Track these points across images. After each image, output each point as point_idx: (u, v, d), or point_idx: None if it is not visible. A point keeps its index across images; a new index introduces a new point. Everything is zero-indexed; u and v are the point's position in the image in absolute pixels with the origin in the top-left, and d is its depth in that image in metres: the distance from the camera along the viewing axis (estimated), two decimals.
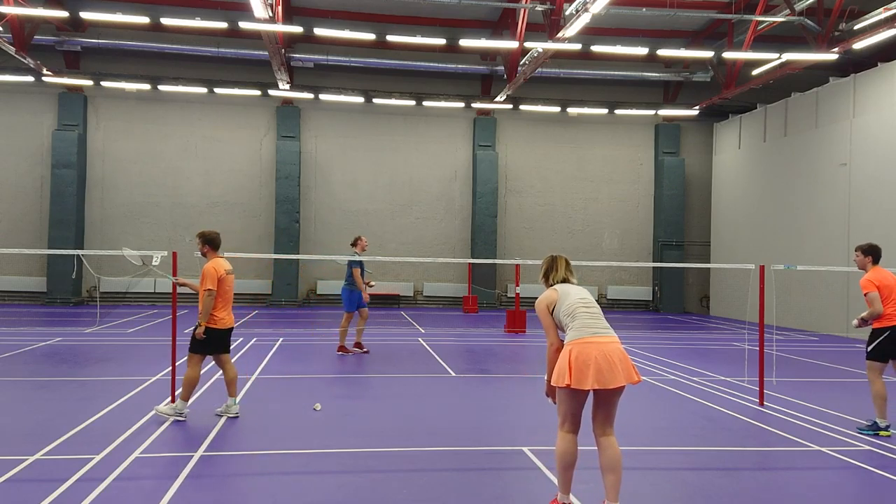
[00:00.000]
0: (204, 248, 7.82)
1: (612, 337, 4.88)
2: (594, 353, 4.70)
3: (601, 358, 4.69)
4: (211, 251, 7.83)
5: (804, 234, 20.18)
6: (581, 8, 15.09)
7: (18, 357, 11.78)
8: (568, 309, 4.92)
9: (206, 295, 7.48)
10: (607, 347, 4.76)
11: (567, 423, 4.90)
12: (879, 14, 16.87)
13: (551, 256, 5.40)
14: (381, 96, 24.15)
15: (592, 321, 4.88)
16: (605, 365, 4.68)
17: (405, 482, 5.72)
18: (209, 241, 7.82)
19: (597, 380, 4.68)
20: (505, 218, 25.77)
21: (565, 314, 4.91)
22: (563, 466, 4.92)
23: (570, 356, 4.74)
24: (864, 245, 7.99)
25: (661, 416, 8.40)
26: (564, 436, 4.90)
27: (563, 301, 4.97)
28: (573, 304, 4.94)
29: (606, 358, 4.71)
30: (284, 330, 16.84)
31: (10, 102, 23.41)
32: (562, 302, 4.96)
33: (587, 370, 4.67)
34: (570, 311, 4.91)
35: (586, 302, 4.98)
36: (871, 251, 7.91)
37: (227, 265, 7.83)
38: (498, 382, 10.41)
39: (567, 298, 4.98)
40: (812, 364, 13.09)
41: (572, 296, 5.01)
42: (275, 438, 6.92)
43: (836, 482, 6.00)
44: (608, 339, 4.83)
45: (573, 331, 4.83)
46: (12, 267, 23.37)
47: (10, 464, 5.85)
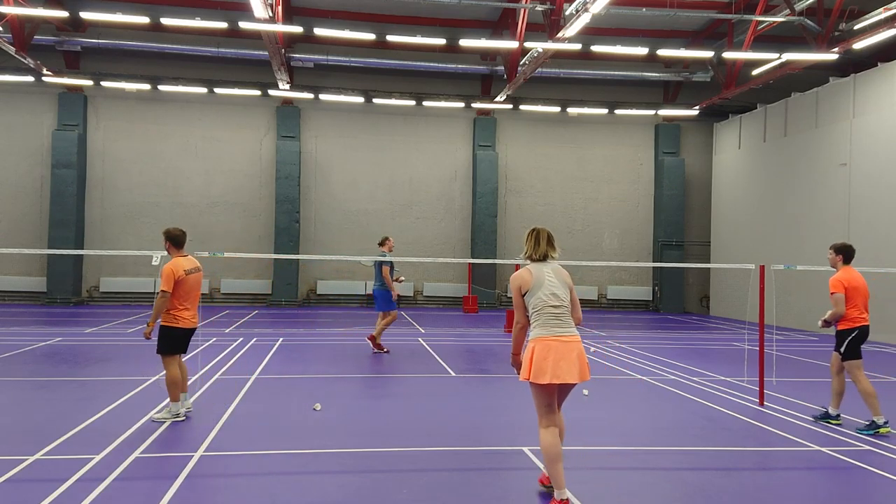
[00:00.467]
0: (166, 246, 7.76)
1: (574, 336, 5.14)
2: (554, 350, 5.00)
3: (560, 356, 4.99)
4: (173, 249, 7.73)
5: (804, 234, 20.18)
6: (581, 8, 15.09)
7: (18, 357, 11.78)
8: (536, 303, 5.13)
9: (159, 296, 7.42)
10: (567, 346, 5.04)
11: (545, 417, 5.16)
12: (879, 14, 16.87)
13: (534, 230, 5.43)
14: (381, 96, 24.15)
15: (556, 321, 5.11)
16: (563, 363, 4.99)
17: (405, 482, 5.72)
18: (171, 239, 7.74)
19: (555, 375, 4.99)
20: (505, 218, 25.76)
21: (533, 307, 5.14)
22: (551, 461, 5.09)
23: (532, 353, 5.06)
24: (837, 244, 8.14)
25: (661, 416, 8.40)
26: (545, 431, 5.14)
27: (534, 291, 5.15)
28: (542, 299, 5.13)
29: (566, 356, 5.00)
30: (284, 330, 16.84)
31: (10, 102, 23.41)
32: (532, 292, 5.15)
33: (546, 366, 4.99)
34: (538, 307, 5.13)
35: (555, 298, 5.15)
36: (843, 250, 8.05)
37: (190, 264, 7.66)
38: (498, 382, 10.41)
39: (538, 290, 5.15)
40: (812, 364, 13.10)
41: (544, 288, 5.15)
42: (275, 438, 6.92)
43: (836, 482, 6.00)
44: (569, 338, 5.09)
45: (537, 328, 5.11)
46: (12, 267, 23.37)
47: (10, 464, 5.85)
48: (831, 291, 7.78)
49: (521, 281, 5.20)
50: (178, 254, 7.75)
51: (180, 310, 7.55)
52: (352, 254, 24.17)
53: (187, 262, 7.69)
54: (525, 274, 5.22)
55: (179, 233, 7.83)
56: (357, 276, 24.90)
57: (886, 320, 16.85)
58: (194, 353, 12.14)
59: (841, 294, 7.73)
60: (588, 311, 24.91)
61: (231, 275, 24.40)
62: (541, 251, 5.32)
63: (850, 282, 7.81)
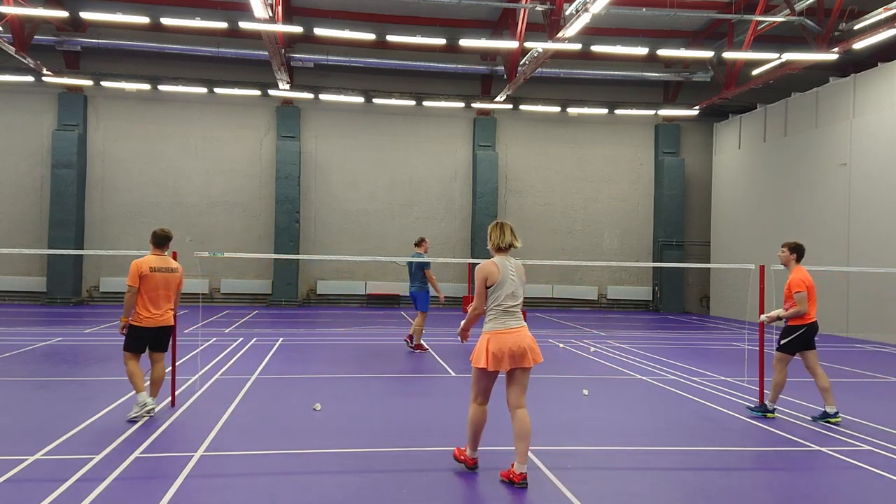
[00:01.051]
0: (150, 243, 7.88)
1: (523, 327, 5.81)
2: (510, 342, 5.64)
3: (514, 345, 5.65)
4: (151, 247, 7.85)
5: (804, 234, 20.14)
6: (581, 8, 15.09)
7: (18, 357, 11.78)
8: (496, 300, 5.71)
9: (126, 291, 7.50)
10: (519, 336, 5.69)
11: (480, 397, 5.91)
12: (879, 14, 16.87)
13: (498, 222, 5.96)
14: (381, 96, 24.15)
15: (509, 317, 5.73)
16: (517, 350, 5.66)
17: (405, 482, 5.72)
18: (151, 238, 7.90)
19: (511, 362, 5.67)
20: (505, 218, 25.71)
21: (493, 301, 5.72)
22: (475, 431, 5.93)
23: (487, 344, 5.66)
24: (791, 243, 8.27)
25: (661, 416, 8.39)
26: (477, 408, 5.91)
27: (497, 288, 5.70)
28: (501, 296, 5.71)
29: (519, 345, 5.67)
30: (284, 330, 16.85)
31: (10, 102, 23.42)
32: (496, 288, 5.70)
33: (503, 357, 5.64)
34: (498, 302, 5.71)
35: (513, 298, 5.75)
36: (798, 249, 8.20)
37: (161, 263, 7.67)
38: (498, 382, 10.40)
39: (501, 287, 5.71)
40: None
41: (506, 287, 5.72)
42: (275, 438, 6.92)
43: (836, 482, 6.00)
44: (520, 329, 5.75)
45: (492, 321, 5.72)
46: (12, 267, 23.38)
47: (10, 464, 5.85)
48: (795, 290, 7.94)
49: (487, 273, 5.70)
50: (154, 252, 7.78)
51: (141, 308, 7.55)
52: (352, 254, 24.18)
53: (158, 261, 7.70)
54: (492, 267, 5.71)
55: (160, 232, 7.93)
56: (357, 276, 24.91)
57: (886, 320, 16.86)
58: (194, 353, 12.15)
59: (804, 293, 7.94)
60: (588, 311, 24.92)
61: (231, 275, 24.40)
62: (506, 241, 5.82)
63: (808, 280, 8.02)
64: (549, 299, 25.86)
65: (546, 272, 25.70)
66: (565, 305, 25.92)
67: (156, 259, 7.71)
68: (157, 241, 7.87)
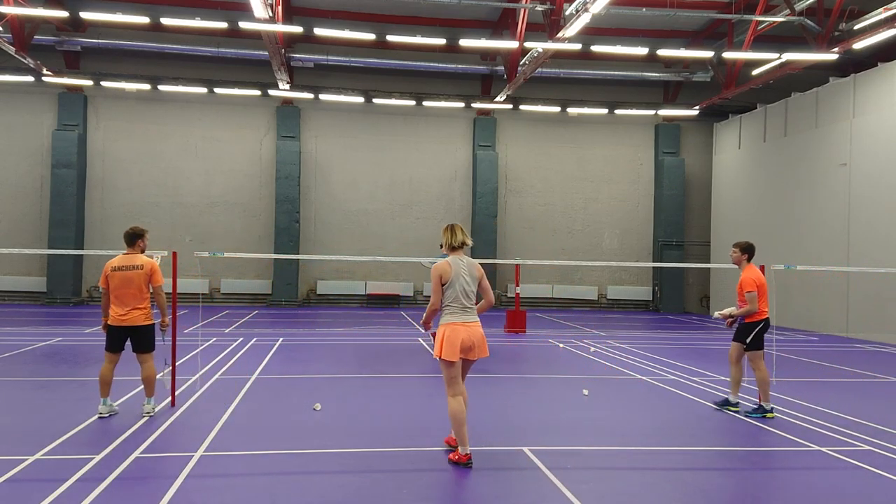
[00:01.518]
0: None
1: (476, 322, 6.31)
2: (462, 335, 6.16)
3: (466, 338, 6.16)
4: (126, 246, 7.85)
5: (804, 234, 20.18)
6: (581, 8, 15.09)
7: (18, 357, 11.78)
8: (450, 296, 6.24)
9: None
10: (471, 330, 6.22)
11: (452, 387, 6.22)
12: (879, 14, 16.87)
13: (449, 224, 6.54)
14: (381, 96, 24.15)
15: (463, 312, 6.25)
16: (468, 343, 6.17)
17: (405, 482, 5.72)
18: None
19: (462, 353, 6.16)
20: (505, 218, 25.77)
21: (448, 297, 6.25)
22: (458, 424, 6.14)
23: (443, 335, 6.17)
24: (742, 243, 8.48)
25: (661, 416, 8.39)
26: (452, 399, 6.20)
27: (451, 285, 6.24)
28: (455, 293, 6.24)
29: (470, 338, 6.19)
30: (284, 330, 16.84)
31: (10, 102, 23.42)
32: (450, 285, 6.24)
33: (455, 347, 6.13)
34: (452, 299, 6.24)
35: (465, 295, 6.27)
36: (749, 249, 8.43)
37: (123, 262, 7.63)
38: (498, 382, 10.41)
39: (454, 284, 6.24)
40: (812, 364, 13.10)
41: (458, 285, 6.25)
42: (275, 438, 6.92)
43: (836, 482, 6.00)
44: (473, 324, 6.26)
45: (448, 315, 6.24)
46: (12, 267, 23.38)
47: (10, 464, 5.85)
48: (747, 290, 8.21)
49: (441, 272, 6.25)
50: (126, 251, 7.79)
51: (111, 307, 7.60)
52: (352, 254, 24.19)
53: (121, 260, 7.68)
54: (446, 267, 6.26)
55: (128, 230, 7.93)
56: (357, 275, 24.92)
57: (886, 320, 16.86)
58: (194, 353, 12.15)
59: (755, 292, 8.21)
60: (588, 312, 24.92)
61: (231, 275, 24.41)
62: (458, 240, 6.41)
63: (759, 279, 8.29)
64: (549, 299, 25.86)
65: (546, 272, 25.71)
66: (565, 305, 25.92)
67: (120, 258, 7.71)
68: (125, 239, 7.87)
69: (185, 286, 21.14)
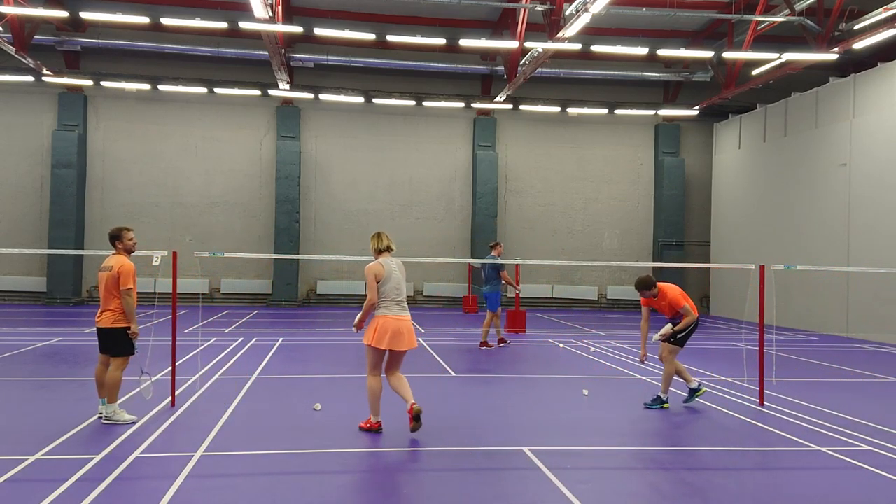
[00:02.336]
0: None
1: (407, 316, 7.16)
2: (392, 327, 6.95)
3: (396, 330, 6.96)
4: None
5: (804, 234, 20.18)
6: (581, 8, 15.09)
7: (18, 357, 11.78)
8: (385, 292, 7.02)
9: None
10: (402, 323, 7.02)
11: (374, 369, 7.18)
12: (879, 14, 16.86)
13: (376, 232, 7.41)
14: (381, 96, 24.15)
15: (396, 306, 7.07)
16: (397, 335, 6.96)
17: (405, 482, 5.72)
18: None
19: (390, 344, 6.98)
20: (505, 218, 25.76)
21: (382, 294, 7.01)
22: (374, 398, 7.18)
23: (376, 325, 6.99)
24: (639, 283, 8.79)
25: (660, 416, 8.40)
26: (372, 378, 7.19)
27: (385, 283, 7.02)
28: (389, 290, 7.03)
29: (400, 330, 6.99)
30: (284, 330, 16.85)
31: (10, 102, 23.42)
32: (384, 283, 7.02)
33: (385, 337, 6.96)
34: (386, 295, 7.02)
35: (398, 290, 7.11)
36: (648, 283, 8.72)
37: (104, 263, 7.67)
38: (498, 382, 10.41)
39: (388, 282, 7.03)
40: (812, 364, 13.10)
41: (392, 281, 7.06)
42: (275, 438, 6.93)
43: (836, 482, 6.00)
44: (404, 317, 7.09)
45: (383, 308, 7.02)
46: (12, 267, 23.38)
47: (10, 464, 5.85)
48: (681, 304, 8.66)
49: (376, 271, 7.03)
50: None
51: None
52: (352, 254, 24.18)
53: (105, 261, 7.68)
54: (379, 267, 7.05)
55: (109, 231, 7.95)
56: (357, 276, 24.90)
57: (886, 320, 16.86)
58: (194, 353, 12.15)
59: (687, 305, 8.71)
60: (588, 312, 24.92)
61: (231, 275, 24.41)
62: (384, 244, 7.26)
63: (680, 292, 8.81)
64: (549, 299, 25.86)
65: (546, 272, 25.71)
66: (565, 305, 25.91)
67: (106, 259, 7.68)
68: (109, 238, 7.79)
69: (185, 286, 21.14)
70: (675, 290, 8.77)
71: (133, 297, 7.44)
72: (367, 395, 7.21)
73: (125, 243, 7.76)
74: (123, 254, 7.72)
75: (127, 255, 7.73)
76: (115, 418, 7.30)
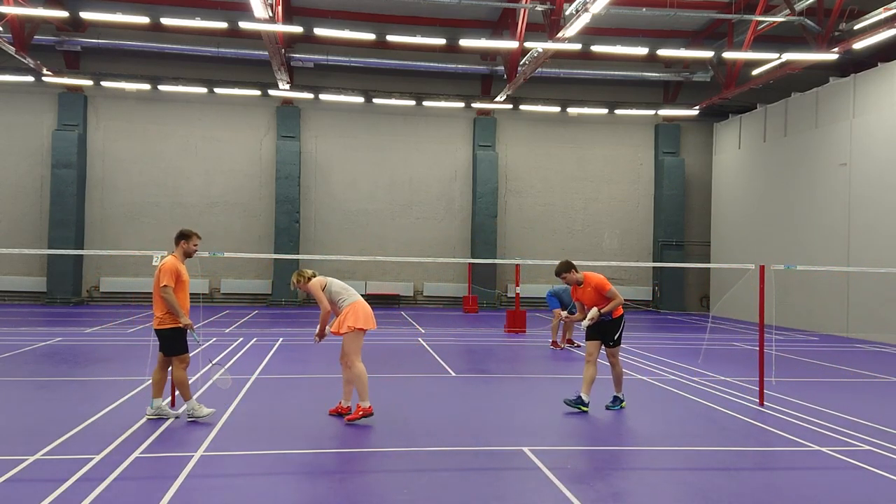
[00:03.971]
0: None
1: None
2: (366, 308, 7.68)
3: (368, 311, 7.70)
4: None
5: (804, 234, 20.18)
6: (581, 8, 15.09)
7: (18, 357, 11.78)
8: (338, 290, 7.75)
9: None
10: (367, 306, 7.77)
11: (360, 354, 7.62)
12: (879, 14, 16.86)
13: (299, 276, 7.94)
14: (381, 96, 24.15)
15: (351, 295, 7.78)
16: (371, 315, 7.71)
17: (405, 482, 5.72)
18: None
19: (370, 322, 7.65)
20: (505, 218, 25.76)
21: (336, 294, 7.71)
22: (366, 384, 7.54)
23: (355, 310, 7.59)
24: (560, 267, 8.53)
25: (660, 416, 8.40)
26: (362, 365, 7.59)
27: (331, 286, 7.77)
28: (338, 288, 7.79)
29: (369, 311, 7.73)
30: (284, 330, 16.85)
31: (10, 102, 23.41)
32: (330, 286, 7.76)
33: (370, 318, 7.65)
34: (338, 293, 7.72)
35: (344, 286, 7.88)
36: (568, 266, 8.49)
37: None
38: (498, 382, 10.41)
39: (333, 284, 7.80)
40: (812, 364, 13.10)
41: (335, 283, 7.83)
42: (275, 438, 6.93)
43: (836, 482, 6.00)
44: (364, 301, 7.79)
45: (347, 301, 7.68)
46: (12, 267, 23.37)
47: (10, 464, 5.85)
48: (606, 290, 8.36)
49: (321, 284, 7.75)
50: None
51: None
52: (352, 254, 24.19)
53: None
54: (322, 281, 7.79)
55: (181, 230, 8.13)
56: (357, 275, 24.90)
57: (886, 320, 16.86)
58: (194, 354, 12.13)
59: (613, 288, 8.42)
60: None
61: (231, 275, 24.41)
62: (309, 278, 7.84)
63: (602, 277, 8.49)
64: None
65: (546, 272, 25.67)
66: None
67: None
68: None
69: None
70: (595, 276, 8.50)
71: (171, 294, 7.53)
72: (360, 383, 7.46)
73: (189, 246, 7.83)
74: (178, 256, 7.77)
75: (181, 258, 7.79)
76: (196, 414, 7.48)
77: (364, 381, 7.49)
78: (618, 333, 8.52)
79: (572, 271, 8.51)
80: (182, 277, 7.63)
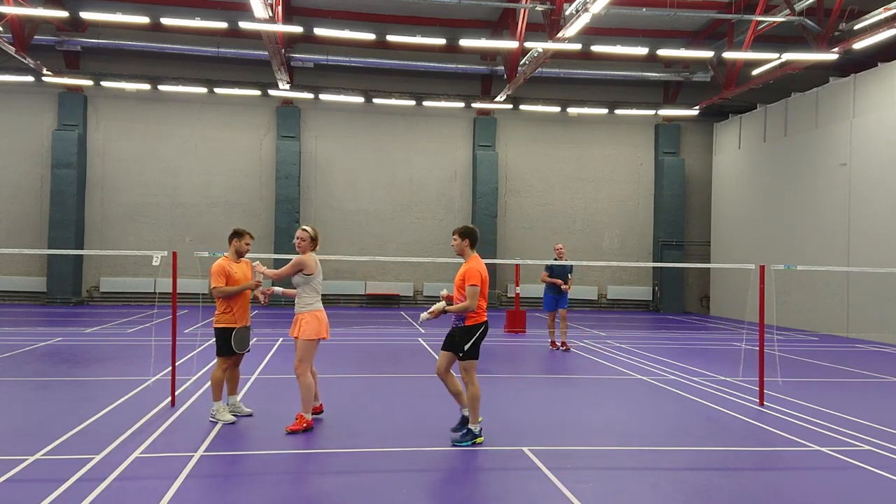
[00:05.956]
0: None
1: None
2: (325, 318, 7.45)
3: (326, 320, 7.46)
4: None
5: (804, 234, 20.18)
6: (581, 8, 15.09)
7: (18, 357, 11.78)
8: (316, 287, 7.44)
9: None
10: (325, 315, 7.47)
11: (312, 364, 7.45)
12: (879, 14, 16.86)
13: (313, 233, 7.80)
14: (381, 96, 24.15)
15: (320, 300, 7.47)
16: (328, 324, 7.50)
17: (405, 482, 5.72)
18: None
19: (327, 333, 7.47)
20: (505, 218, 25.76)
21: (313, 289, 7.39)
22: (312, 395, 7.34)
23: (318, 318, 7.33)
24: (461, 228, 7.08)
25: (661, 416, 8.40)
26: (311, 374, 7.42)
27: (315, 276, 7.43)
28: (319, 285, 7.50)
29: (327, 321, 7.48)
30: (284, 330, 16.82)
31: (10, 102, 23.41)
32: (314, 277, 7.41)
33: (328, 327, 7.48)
34: (317, 289, 7.44)
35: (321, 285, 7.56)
36: (469, 234, 7.02)
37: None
38: (498, 382, 10.41)
39: (318, 276, 7.46)
40: (812, 364, 13.10)
41: (320, 277, 7.50)
42: (275, 438, 6.92)
43: (836, 482, 6.00)
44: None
45: (316, 303, 7.40)
46: (12, 267, 23.37)
47: (10, 464, 5.85)
48: (470, 283, 6.77)
49: (310, 262, 7.41)
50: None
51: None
52: (352, 254, 24.19)
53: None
54: (311, 261, 7.43)
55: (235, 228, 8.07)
56: (356, 275, 24.92)
57: (886, 320, 16.86)
58: (191, 355, 12.15)
59: (478, 287, 6.79)
60: (588, 311, 24.92)
61: None
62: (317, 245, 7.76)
63: (484, 272, 6.90)
64: None
65: None
66: None
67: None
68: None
69: (184, 286, 21.02)
70: (479, 265, 6.92)
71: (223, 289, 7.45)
72: (306, 392, 7.19)
73: (241, 244, 7.78)
74: (230, 255, 7.74)
75: (233, 257, 7.74)
76: (218, 417, 7.47)
77: (311, 391, 7.28)
78: (468, 344, 6.88)
79: (465, 240, 6.98)
80: (234, 277, 7.55)
